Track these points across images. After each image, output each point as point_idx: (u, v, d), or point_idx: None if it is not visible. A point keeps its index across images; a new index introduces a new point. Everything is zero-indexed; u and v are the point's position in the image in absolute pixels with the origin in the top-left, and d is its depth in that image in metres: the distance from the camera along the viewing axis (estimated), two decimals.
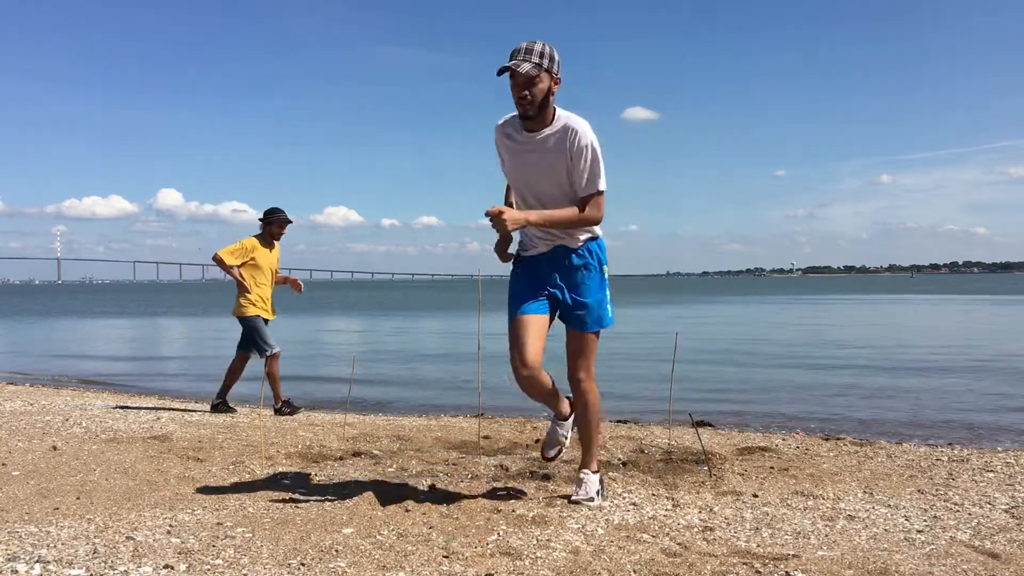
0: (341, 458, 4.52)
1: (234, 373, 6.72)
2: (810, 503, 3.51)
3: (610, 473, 4.03)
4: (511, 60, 3.10)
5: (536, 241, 3.40)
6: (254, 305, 6.55)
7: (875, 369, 11.24)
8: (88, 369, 12.60)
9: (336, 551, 2.74)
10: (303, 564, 2.61)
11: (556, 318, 3.42)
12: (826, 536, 3.00)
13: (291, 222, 6.77)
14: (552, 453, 3.69)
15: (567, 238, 3.34)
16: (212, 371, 12.16)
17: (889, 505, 3.48)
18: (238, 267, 6.53)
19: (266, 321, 6.62)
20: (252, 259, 6.57)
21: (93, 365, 13.38)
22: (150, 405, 7.35)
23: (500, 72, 3.07)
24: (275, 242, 6.78)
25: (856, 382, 9.82)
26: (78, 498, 3.48)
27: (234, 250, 6.56)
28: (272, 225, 6.69)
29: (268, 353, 6.53)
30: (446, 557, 2.68)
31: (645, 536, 2.97)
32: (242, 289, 6.54)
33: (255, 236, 6.69)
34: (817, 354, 13.69)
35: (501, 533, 2.97)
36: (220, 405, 6.71)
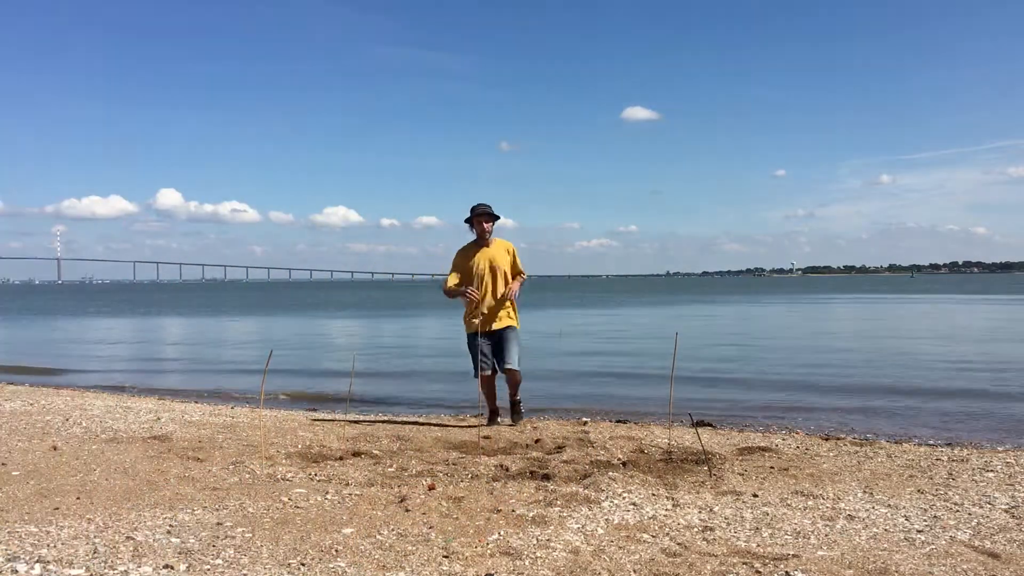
0: (341, 458, 4.52)
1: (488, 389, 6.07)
2: (810, 503, 3.50)
3: (610, 473, 4.02)
4: None
5: None
6: (466, 322, 5.92)
7: (875, 369, 11.23)
8: (88, 369, 12.59)
9: (336, 551, 2.74)
10: (303, 564, 2.61)
11: None
12: (826, 536, 3.00)
13: (496, 217, 5.89)
14: None
15: None
16: (211, 371, 12.16)
17: (889, 505, 3.48)
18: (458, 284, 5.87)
19: (493, 333, 5.78)
20: (466, 270, 5.86)
21: (93, 365, 13.37)
22: (150, 405, 7.35)
23: None
24: (488, 239, 5.90)
25: (856, 382, 9.82)
26: (78, 498, 3.48)
27: (452, 272, 5.93)
28: (471, 222, 5.91)
29: (474, 375, 5.84)
30: (446, 557, 2.68)
31: (645, 536, 2.96)
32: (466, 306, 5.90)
33: (465, 245, 5.97)
34: (817, 354, 13.68)
35: (501, 533, 2.96)
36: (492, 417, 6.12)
